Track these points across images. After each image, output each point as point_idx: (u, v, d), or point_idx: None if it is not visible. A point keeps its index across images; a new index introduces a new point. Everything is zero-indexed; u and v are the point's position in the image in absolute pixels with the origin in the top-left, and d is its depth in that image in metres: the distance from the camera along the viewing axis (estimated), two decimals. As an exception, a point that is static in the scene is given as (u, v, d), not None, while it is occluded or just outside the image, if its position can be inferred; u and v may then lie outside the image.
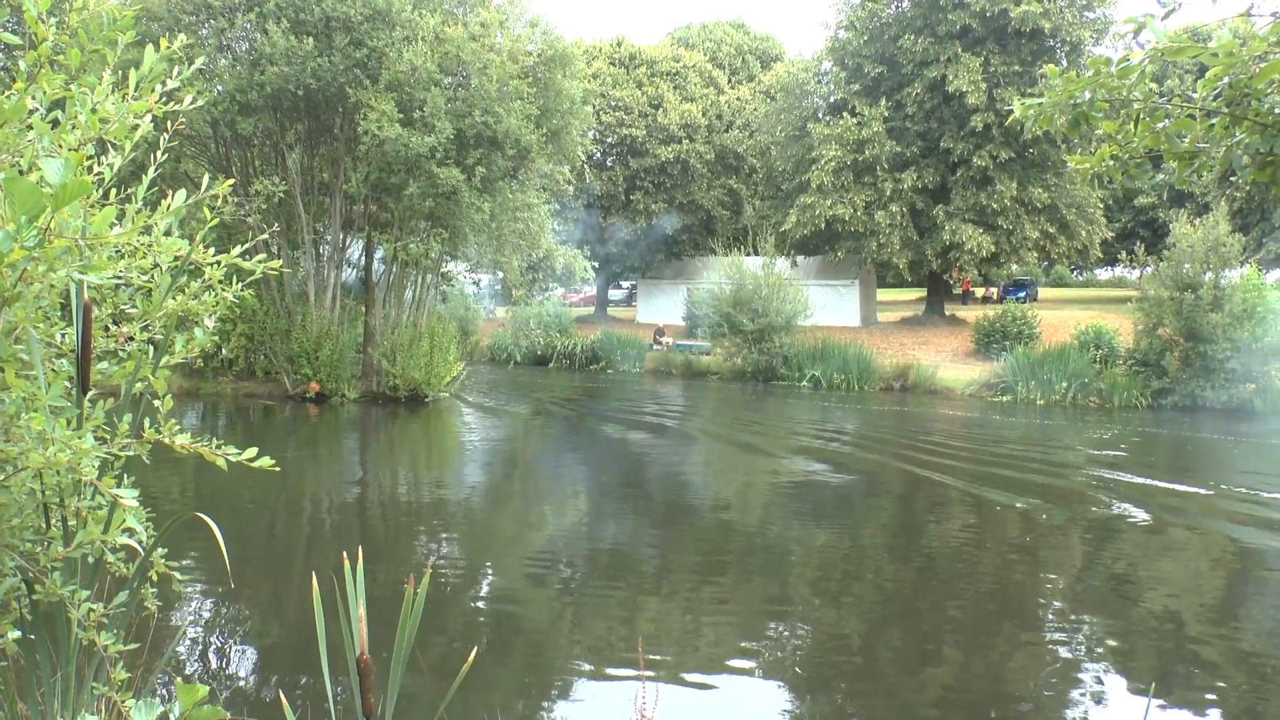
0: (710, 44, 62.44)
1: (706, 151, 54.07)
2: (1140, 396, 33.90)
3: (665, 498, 15.89)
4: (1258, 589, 10.69)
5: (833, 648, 8.73)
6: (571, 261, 31.24)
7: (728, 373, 40.87)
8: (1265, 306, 32.75)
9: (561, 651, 8.45)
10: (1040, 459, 20.47)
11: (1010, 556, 11.72)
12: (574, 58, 28.32)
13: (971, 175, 45.08)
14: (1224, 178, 38.19)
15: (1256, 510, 15.15)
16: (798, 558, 11.74)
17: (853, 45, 47.13)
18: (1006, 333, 41.29)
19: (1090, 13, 45.44)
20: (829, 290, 51.67)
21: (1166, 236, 36.25)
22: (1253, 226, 45.58)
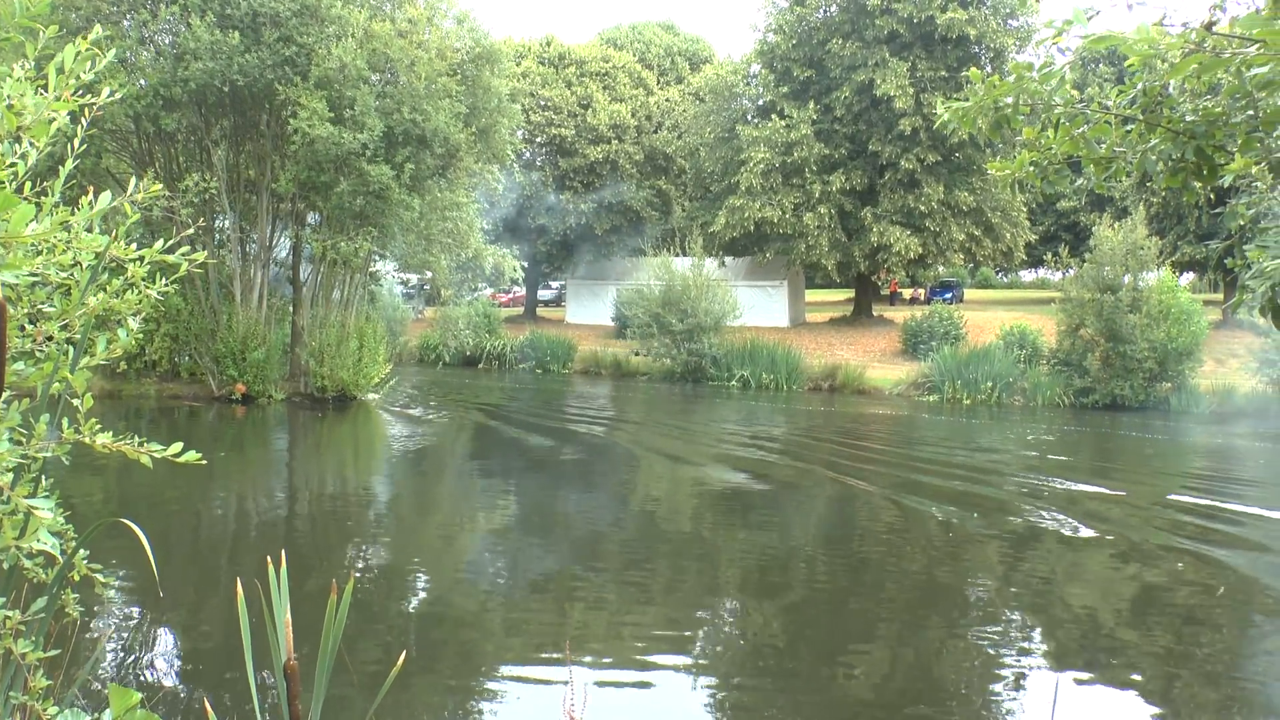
0: (639, 45, 62.52)
1: (636, 152, 54.14)
2: (1063, 395, 34.54)
3: (593, 499, 15.84)
4: (1168, 587, 10.90)
5: (757, 647, 8.76)
6: (500, 261, 31.09)
7: (657, 373, 40.91)
8: (1180, 308, 33.56)
9: (490, 654, 8.40)
10: (964, 462, 20.69)
11: (932, 558, 11.83)
12: (502, 56, 28.18)
13: (899, 178, 45.63)
14: (1142, 183, 38.96)
15: (1164, 511, 15.48)
16: (719, 561, 11.75)
17: (781, 49, 47.45)
18: (933, 333, 41.85)
19: (1014, 20, 46.29)
20: (757, 291, 51.97)
21: (1088, 239, 36.98)
22: (1169, 230, 46.60)
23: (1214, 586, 10.47)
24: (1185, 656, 8.53)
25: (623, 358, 43.47)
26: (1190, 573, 11.18)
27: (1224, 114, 3.28)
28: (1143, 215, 36.22)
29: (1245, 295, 2.89)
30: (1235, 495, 16.99)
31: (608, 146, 52.93)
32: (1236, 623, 9.43)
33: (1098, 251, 34.72)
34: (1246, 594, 10.42)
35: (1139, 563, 11.42)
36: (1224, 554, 12.26)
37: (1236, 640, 9.02)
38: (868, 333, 49.29)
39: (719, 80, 50.69)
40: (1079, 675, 8.03)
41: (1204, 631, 9.21)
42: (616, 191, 52.93)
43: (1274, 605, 10.04)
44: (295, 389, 27.21)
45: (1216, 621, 9.46)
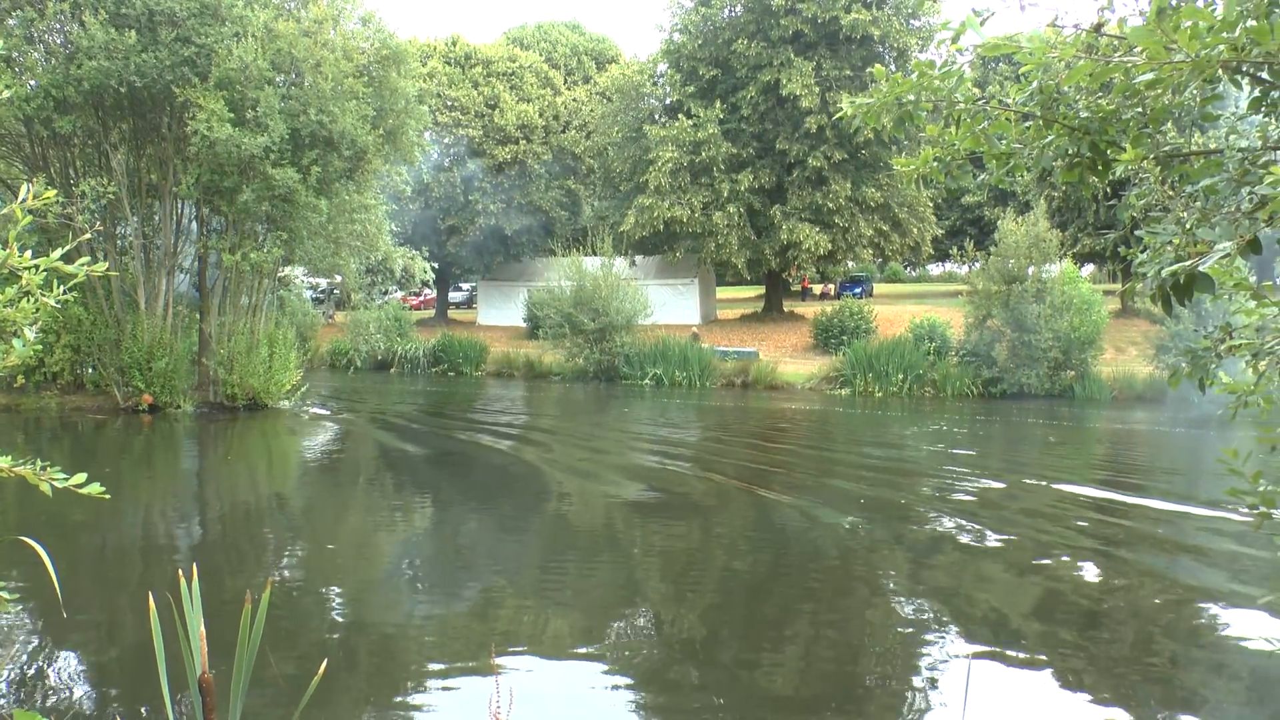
0: (546, 44, 62.38)
1: (544, 152, 54.04)
2: (972, 386, 35.19)
3: (509, 500, 15.77)
4: (1072, 582, 11.16)
5: (675, 645, 8.82)
6: (410, 263, 30.77)
7: (570, 373, 40.86)
8: (1081, 298, 34.44)
9: (412, 658, 8.32)
10: (875, 464, 20.88)
11: (841, 565, 11.97)
12: (409, 56, 27.85)
13: (807, 176, 46.11)
14: (1043, 178, 39.66)
15: (1068, 507, 15.83)
16: (635, 562, 11.78)
17: (687, 48, 47.69)
18: (844, 328, 42.34)
19: (916, 20, 47.11)
20: (668, 289, 52.15)
21: (993, 233, 37.71)
22: (1069, 223, 47.67)
23: (1115, 582, 10.71)
24: (1087, 647, 8.73)
25: (535, 358, 43.35)
26: (1092, 567, 11.43)
27: (1116, 111, 3.37)
28: (1044, 209, 37.07)
29: (1138, 282, 2.97)
30: (1136, 487, 17.38)
31: (516, 147, 52.75)
32: (1137, 616, 9.66)
33: (1002, 245, 35.45)
34: (1147, 588, 10.68)
35: (1045, 559, 11.60)
36: (1125, 551, 12.58)
37: (1139, 633, 9.26)
38: (779, 329, 49.73)
39: (626, 80, 50.81)
40: (990, 665, 8.18)
41: (1107, 624, 9.43)
42: (525, 192, 52.75)
43: (1175, 598, 10.29)
44: (204, 398, 26.67)
45: (1117, 615, 9.69)
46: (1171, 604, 9.64)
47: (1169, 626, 9.03)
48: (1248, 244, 2.63)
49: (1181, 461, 21.86)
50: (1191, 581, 10.61)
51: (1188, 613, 9.37)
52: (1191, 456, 22.08)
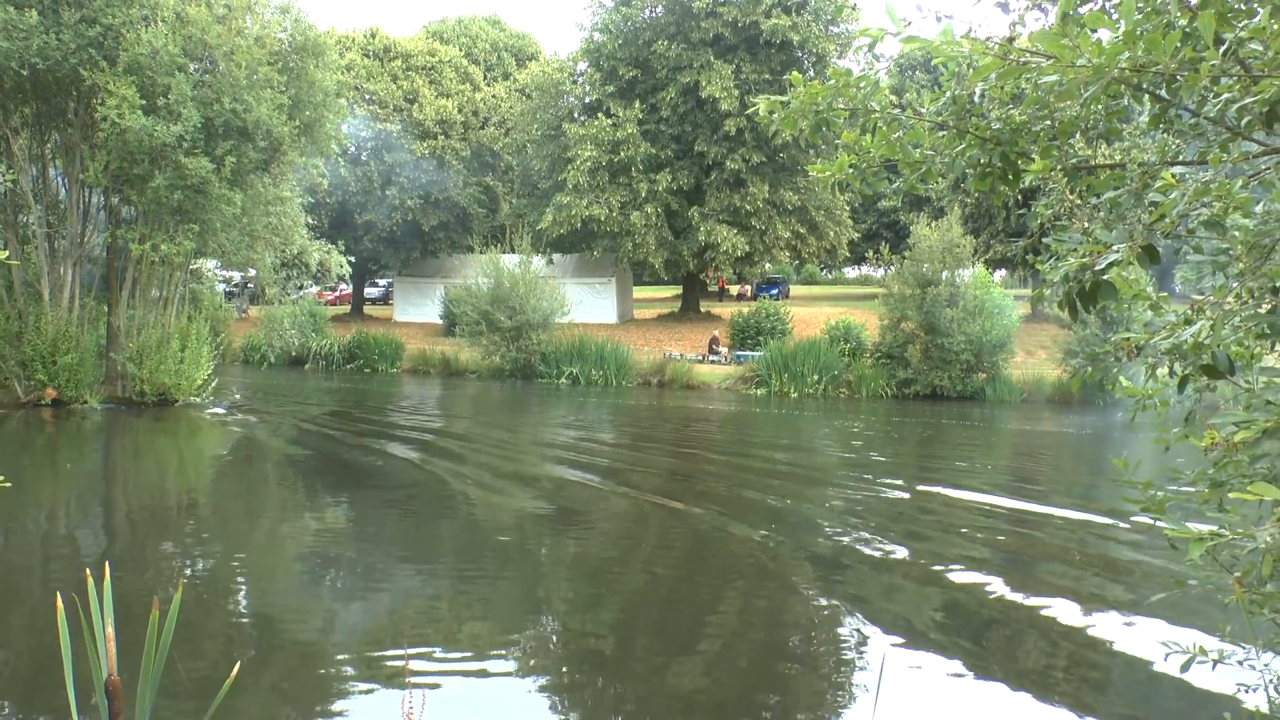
0: (466, 39, 62.00)
1: (462, 148, 53.69)
2: (886, 387, 35.69)
3: (421, 499, 15.65)
4: (978, 591, 11.37)
5: (586, 651, 8.84)
6: (326, 257, 30.32)
7: (486, 371, 40.64)
8: (993, 302, 35.15)
9: (326, 661, 8.22)
10: (788, 471, 20.95)
11: (754, 578, 12.08)
12: (327, 48, 27.45)
13: (725, 178, 46.38)
14: (956, 185, 40.57)
15: (973, 517, 16.09)
16: (546, 572, 11.77)
17: (608, 48, 47.69)
18: (760, 328, 42.61)
19: (835, 27, 47.72)
20: (586, 288, 52.13)
21: (908, 237, 38.27)
22: (982, 229, 48.58)
23: (1015, 595, 10.88)
24: (988, 657, 8.90)
25: (451, 356, 43.07)
26: (995, 578, 11.63)
27: (1026, 123, 3.46)
28: (958, 215, 37.73)
29: (1046, 288, 3.06)
30: (1040, 495, 17.52)
31: (434, 142, 52.33)
32: (1035, 626, 9.84)
33: (917, 249, 36.02)
34: (1048, 598, 10.89)
35: (950, 569, 11.69)
36: (1028, 561, 12.83)
37: (1039, 642, 9.45)
38: (696, 329, 49.94)
39: (546, 78, 50.65)
40: (897, 676, 8.31)
41: (1008, 633, 9.62)
42: (443, 188, 52.36)
43: (1075, 607, 10.49)
44: (113, 393, 26.06)
45: (1018, 624, 9.88)
46: (1071, 613, 9.76)
47: (1067, 636, 9.15)
48: (1145, 252, 2.71)
49: (1084, 467, 22.35)
50: (1092, 591, 10.77)
51: (1086, 622, 9.51)
52: (1094, 462, 22.56)
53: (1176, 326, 2.55)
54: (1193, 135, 3.10)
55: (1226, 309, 2.40)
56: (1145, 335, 2.70)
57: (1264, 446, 2.30)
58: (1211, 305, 2.45)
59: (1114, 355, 3.06)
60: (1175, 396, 3.02)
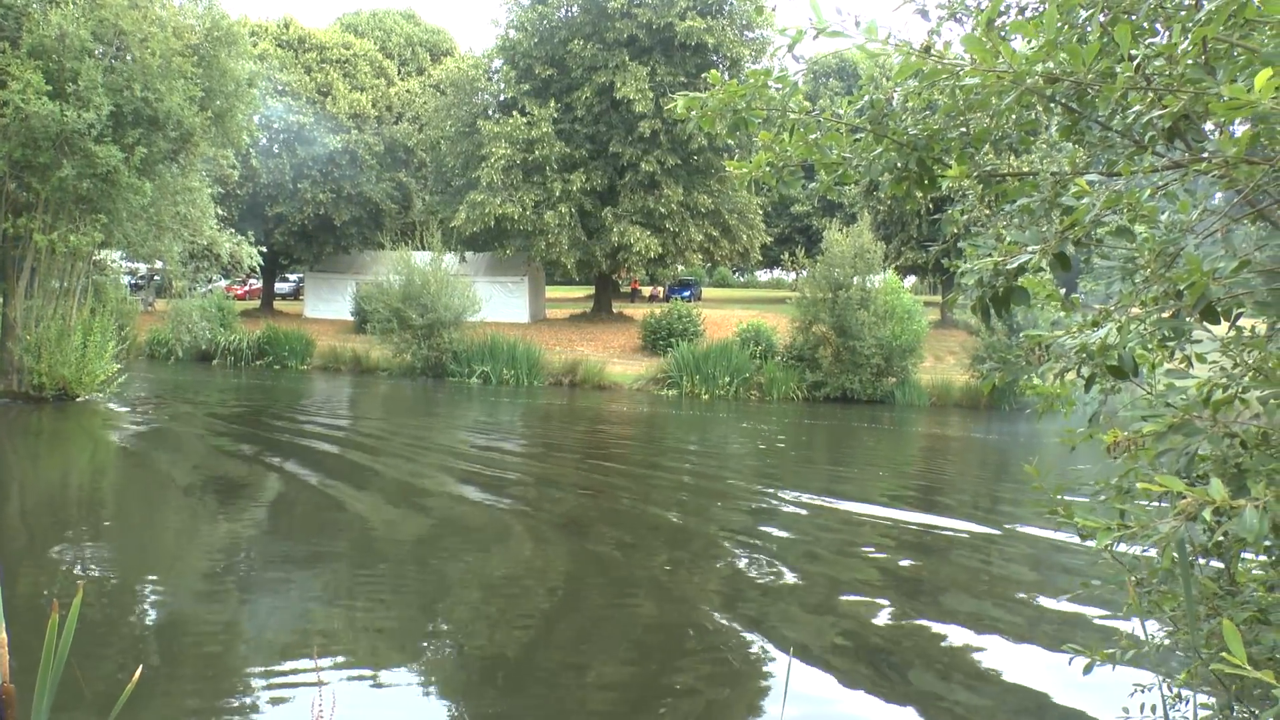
0: (380, 33, 61.38)
1: (376, 143, 53.10)
2: (797, 389, 36.05)
3: (326, 504, 15.29)
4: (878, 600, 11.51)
5: (485, 655, 8.82)
6: (237, 249, 29.67)
7: (397, 369, 40.27)
8: (903, 307, 35.76)
9: (231, 666, 8.06)
10: (693, 484, 20.75)
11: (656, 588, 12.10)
12: (241, 38, 26.94)
13: (639, 179, 46.50)
14: (869, 191, 41.10)
15: (884, 528, 16.25)
16: (448, 590, 11.66)
17: (523, 46, 47.56)
18: (672, 330, 42.82)
19: (750, 32, 48.11)
20: (498, 287, 51.96)
21: (820, 242, 38.75)
22: (893, 236, 49.33)
23: (911, 620, 11.02)
24: (885, 683, 9.02)
25: (362, 353, 42.62)
26: (895, 597, 11.79)
27: (941, 130, 3.54)
28: (869, 221, 38.35)
29: (960, 293, 3.14)
30: (946, 507, 17.31)
31: (347, 136, 51.68)
32: (935, 648, 10.00)
33: (829, 253, 36.52)
34: (947, 618, 11.04)
35: (850, 592, 11.65)
36: (929, 576, 13.01)
37: (936, 667, 9.60)
38: (608, 329, 50.00)
39: (460, 74, 50.38)
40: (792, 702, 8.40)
41: (907, 657, 9.77)
42: (356, 182, 51.76)
43: (972, 628, 10.66)
44: (8, 387, 25.25)
45: (916, 649, 10.03)
46: (968, 636, 9.71)
47: (960, 660, 9.16)
48: (1057, 259, 2.80)
49: (989, 474, 22.61)
50: (994, 613, 10.74)
51: (981, 643, 9.49)
52: (998, 469, 22.97)
53: (1084, 327, 2.64)
54: (1101, 148, 3.20)
55: (1132, 314, 2.49)
56: (1054, 334, 2.79)
57: (1169, 440, 2.40)
58: (1119, 309, 2.55)
59: (1024, 358, 3.15)
60: (1082, 397, 3.12)
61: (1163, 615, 3.43)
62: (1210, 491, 1.93)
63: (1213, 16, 2.51)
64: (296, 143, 50.40)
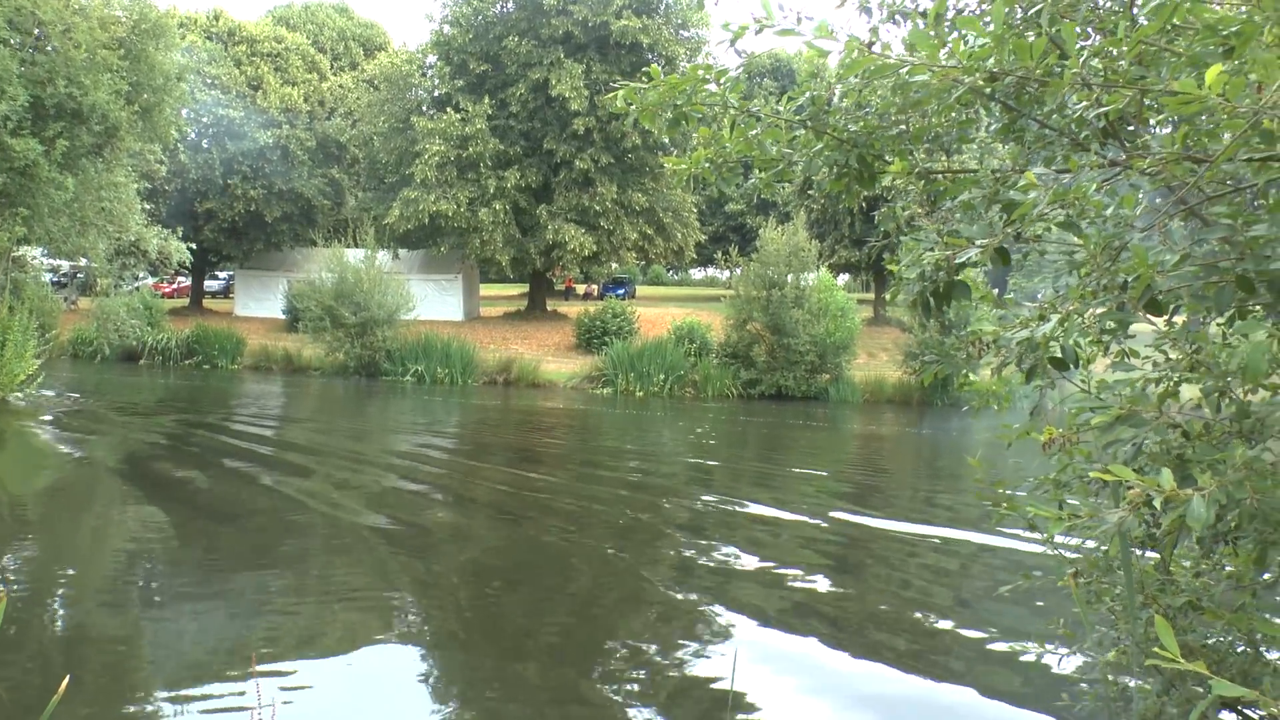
0: (312, 26, 60.66)
1: (308, 138, 52.41)
2: (731, 387, 36.22)
3: (255, 509, 14.87)
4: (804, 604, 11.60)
5: (427, 656, 8.76)
6: (165, 245, 29.12)
7: (330, 368, 39.80)
8: (837, 305, 36.11)
9: (163, 673, 7.86)
10: (634, 479, 20.44)
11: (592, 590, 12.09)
12: (170, 30, 26.46)
13: (574, 177, 46.45)
14: (803, 190, 41.55)
15: (822, 532, 16.34)
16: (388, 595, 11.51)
17: (458, 41, 47.28)
18: (607, 328, 42.80)
19: (685, 32, 48.27)
20: (432, 284, 51.61)
21: (754, 240, 38.97)
22: (827, 235, 49.70)
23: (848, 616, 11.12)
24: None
25: (294, 352, 42.12)
26: (830, 593, 11.87)
27: (881, 127, 3.57)
28: (803, 220, 38.66)
29: (902, 285, 3.17)
30: (879, 506, 17.39)
31: (279, 131, 50.96)
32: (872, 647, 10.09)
33: (763, 252, 36.75)
34: (881, 617, 11.14)
35: (784, 595, 11.66)
36: (861, 580, 13.11)
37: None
38: (542, 327, 49.89)
39: (394, 69, 49.97)
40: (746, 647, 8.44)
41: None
42: (287, 178, 51.11)
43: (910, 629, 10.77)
44: (-78, 386, 24.61)
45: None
46: (908, 635, 9.74)
47: (899, 655, 9.15)
48: (998, 254, 2.83)
49: (923, 471, 22.80)
50: (933, 612, 10.85)
51: (921, 640, 9.53)
52: (929, 465, 23.22)
53: (1030, 321, 2.68)
54: (1039, 146, 3.24)
55: (1073, 308, 2.53)
56: (1000, 328, 2.82)
57: (1117, 432, 2.44)
58: (1063, 303, 2.59)
59: (964, 351, 3.19)
60: (1022, 391, 3.17)
61: (1101, 607, 3.48)
62: (1161, 481, 1.98)
63: (1151, 18, 2.56)
64: (226, 137, 49.56)
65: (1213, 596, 2.97)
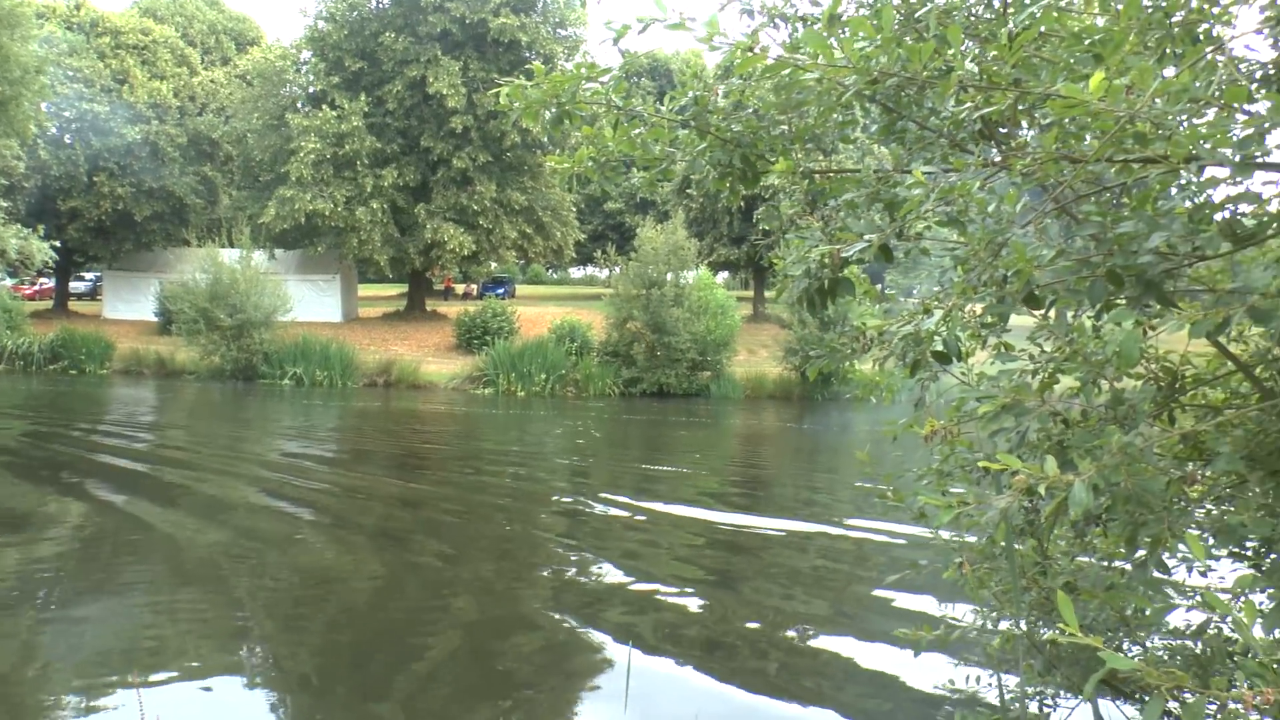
0: (181, 19, 59.01)
1: (179, 135, 50.97)
2: (613, 385, 36.34)
3: (120, 526, 14.15)
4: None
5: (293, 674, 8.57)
6: (25, 244, 28.00)
7: (205, 371, 38.91)
8: (717, 302, 36.52)
9: (38, 696, 7.56)
10: (509, 485, 19.44)
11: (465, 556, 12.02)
12: (27, 20, 25.51)
13: (452, 176, 46.14)
14: (682, 189, 41.89)
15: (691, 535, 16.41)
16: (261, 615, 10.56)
17: (333, 37, 46.53)
18: (487, 328, 42.61)
19: (563, 31, 48.28)
20: (310, 285, 50.72)
21: (633, 239, 39.15)
22: (706, 234, 50.12)
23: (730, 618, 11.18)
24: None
25: (168, 355, 41.02)
26: (707, 598, 11.92)
27: (763, 127, 3.63)
28: (682, 219, 38.95)
29: (785, 285, 3.23)
30: (758, 505, 17.42)
31: (147, 127, 49.42)
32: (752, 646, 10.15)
33: (643, 250, 36.97)
34: (760, 617, 11.22)
35: (673, 590, 11.51)
36: (740, 578, 13.26)
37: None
38: (422, 327, 49.43)
39: (268, 64, 48.91)
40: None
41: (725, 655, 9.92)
42: (158, 176, 49.65)
43: (785, 627, 10.88)
44: None
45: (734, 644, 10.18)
46: (793, 628, 9.79)
47: (789, 648, 9.24)
48: (881, 250, 2.91)
49: (805, 466, 22.99)
50: (817, 606, 10.89)
51: (806, 636, 9.59)
52: (810, 460, 23.54)
53: (915, 315, 2.77)
54: (919, 147, 3.33)
55: (956, 302, 2.62)
56: (885, 323, 2.90)
57: (1002, 420, 2.53)
58: (945, 297, 2.67)
59: (849, 346, 3.27)
60: (907, 384, 3.26)
61: (985, 593, 3.60)
62: (1045, 468, 2.07)
63: (1029, 23, 2.67)
64: (91, 133, 47.83)
65: (1087, 577, 3.10)
